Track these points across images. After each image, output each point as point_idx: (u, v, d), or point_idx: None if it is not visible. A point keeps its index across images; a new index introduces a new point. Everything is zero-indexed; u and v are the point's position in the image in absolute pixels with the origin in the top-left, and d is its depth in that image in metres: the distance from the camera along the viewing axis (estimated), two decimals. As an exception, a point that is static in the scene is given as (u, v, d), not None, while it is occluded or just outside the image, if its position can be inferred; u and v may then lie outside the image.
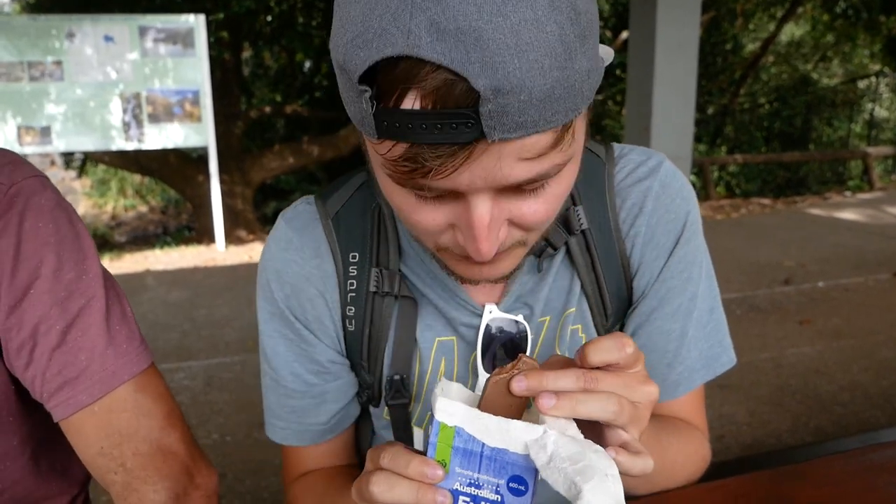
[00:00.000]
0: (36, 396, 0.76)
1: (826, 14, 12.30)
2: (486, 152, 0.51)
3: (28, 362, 0.74)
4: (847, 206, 8.11)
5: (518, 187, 0.56)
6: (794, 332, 4.00)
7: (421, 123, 0.49)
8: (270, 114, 10.93)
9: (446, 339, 0.80)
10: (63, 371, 0.74)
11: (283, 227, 0.82)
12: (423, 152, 0.51)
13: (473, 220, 0.56)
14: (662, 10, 3.63)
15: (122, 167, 9.57)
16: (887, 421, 2.96)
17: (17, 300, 0.73)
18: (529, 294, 0.79)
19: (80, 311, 0.75)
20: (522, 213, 0.58)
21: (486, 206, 0.56)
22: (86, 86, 5.85)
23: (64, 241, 0.77)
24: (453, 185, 0.54)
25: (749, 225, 7.26)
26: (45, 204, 0.77)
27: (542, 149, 0.52)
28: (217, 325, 4.28)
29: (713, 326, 0.85)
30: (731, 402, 3.15)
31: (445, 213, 0.58)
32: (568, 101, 0.51)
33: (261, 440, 2.88)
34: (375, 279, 0.77)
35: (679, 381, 0.83)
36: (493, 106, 0.48)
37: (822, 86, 14.05)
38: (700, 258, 0.83)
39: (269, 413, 0.87)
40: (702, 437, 0.87)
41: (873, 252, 5.71)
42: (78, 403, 0.74)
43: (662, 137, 3.69)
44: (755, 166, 11.41)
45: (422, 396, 0.81)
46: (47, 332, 0.73)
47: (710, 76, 12.60)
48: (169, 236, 9.70)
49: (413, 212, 0.59)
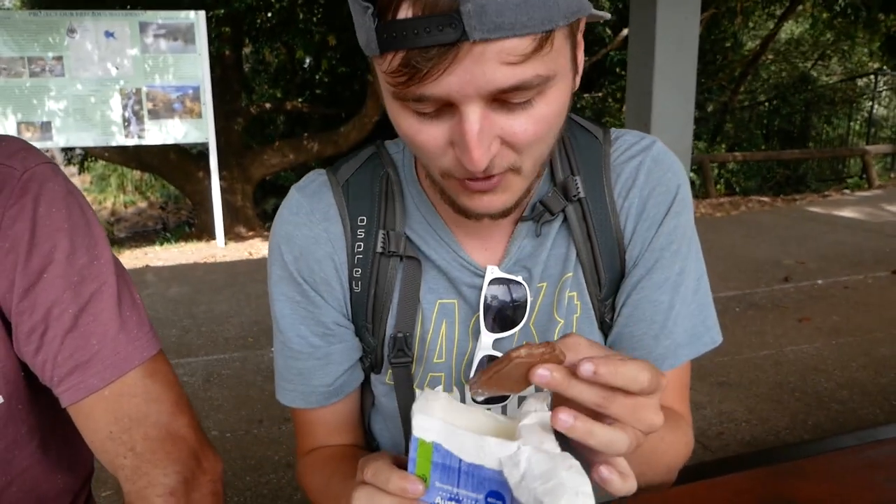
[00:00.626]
0: (45, 381, 0.76)
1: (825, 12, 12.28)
2: (470, 54, 0.56)
3: (39, 346, 0.74)
4: (846, 203, 8.12)
5: (505, 101, 0.60)
6: (793, 329, 4.01)
7: (413, 29, 0.55)
8: (270, 110, 10.92)
9: (448, 301, 0.83)
10: (75, 355, 0.74)
11: (295, 195, 0.85)
12: (415, 56, 0.57)
13: (465, 128, 0.60)
14: (662, 8, 3.62)
15: (122, 163, 9.57)
16: (885, 418, 2.97)
17: (30, 283, 0.74)
18: (528, 258, 0.82)
19: (93, 296, 0.76)
20: (513, 131, 0.62)
21: (476, 115, 0.60)
22: (86, 81, 5.84)
23: (76, 227, 0.78)
24: (445, 91, 0.58)
25: (748, 222, 7.27)
26: (58, 190, 0.78)
27: (521, 54, 0.57)
28: (217, 322, 4.28)
29: (698, 304, 0.86)
30: (730, 399, 3.16)
31: (443, 130, 0.63)
32: (543, 10, 0.56)
33: (260, 436, 2.89)
34: (382, 240, 0.81)
35: (665, 354, 0.84)
36: (473, 6, 0.54)
37: (821, 84, 14.05)
38: (689, 235, 0.85)
39: (278, 375, 0.91)
40: (686, 425, 0.86)
41: (872, 250, 5.72)
42: (89, 387, 0.75)
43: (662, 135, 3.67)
44: (755, 164, 11.41)
45: (423, 358, 0.84)
46: (60, 315, 0.74)
47: (710, 74, 12.59)
48: (169, 232, 9.69)
49: (417, 133, 0.64)
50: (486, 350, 0.80)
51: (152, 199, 13.64)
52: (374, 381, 0.90)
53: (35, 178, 0.76)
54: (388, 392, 0.88)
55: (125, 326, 0.78)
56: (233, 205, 8.22)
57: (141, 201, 13.55)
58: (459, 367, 0.84)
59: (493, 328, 0.81)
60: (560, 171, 0.82)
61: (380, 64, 0.61)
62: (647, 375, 0.54)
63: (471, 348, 0.83)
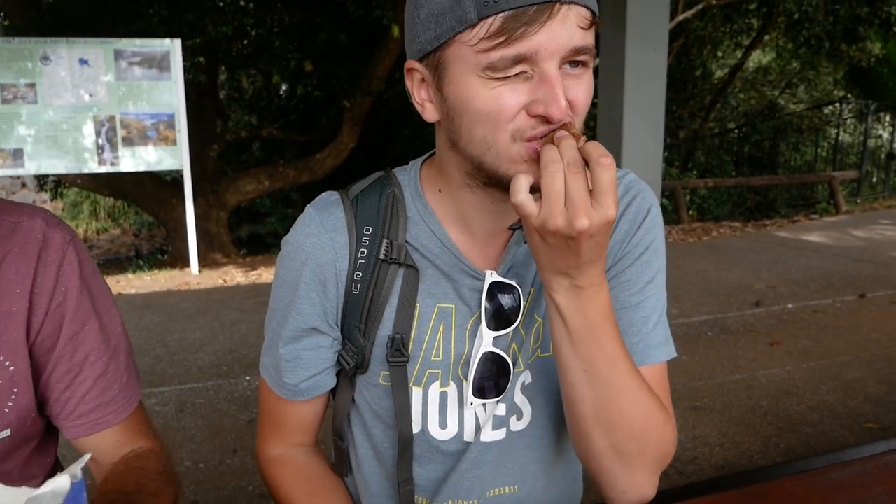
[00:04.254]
0: (61, 415, 0.93)
1: (790, 43, 12.64)
2: (559, 13, 0.71)
3: (69, 385, 0.92)
4: (814, 228, 8.29)
5: (565, 64, 0.74)
6: (765, 353, 4.06)
7: None
8: (246, 137, 10.90)
9: (446, 305, 0.91)
10: (100, 396, 0.93)
11: (310, 210, 0.94)
12: (514, 17, 0.70)
13: (551, 80, 0.73)
14: (632, 39, 3.72)
15: (95, 190, 9.46)
16: (854, 440, 3.02)
17: (75, 332, 0.91)
18: (520, 265, 0.91)
19: (116, 349, 0.96)
20: (575, 94, 0.75)
21: (555, 69, 0.73)
22: (59, 108, 5.81)
23: (105, 290, 0.98)
24: (535, 47, 0.71)
25: (720, 248, 7.38)
26: (89, 258, 0.97)
27: (589, 21, 0.74)
28: (190, 350, 4.24)
29: (662, 320, 0.94)
30: (703, 423, 3.20)
31: (519, 93, 0.74)
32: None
33: (234, 466, 2.85)
34: (385, 248, 0.89)
35: (633, 350, 0.89)
36: None
37: (788, 111, 14.39)
38: (660, 251, 0.94)
39: (263, 353, 1.00)
40: (667, 414, 0.88)
41: (840, 274, 5.84)
42: (107, 422, 0.94)
43: (633, 164, 3.76)
44: (725, 190, 11.61)
45: (419, 357, 0.91)
46: (95, 361, 0.93)
47: (681, 102, 12.84)
48: (142, 260, 9.57)
49: (496, 98, 0.75)
50: (487, 347, 0.89)
51: (125, 226, 13.48)
52: (360, 383, 0.96)
53: (74, 245, 0.94)
54: (384, 392, 0.93)
55: (130, 374, 0.98)
56: (208, 231, 8.16)
57: (114, 228, 13.39)
58: (457, 365, 0.91)
59: (494, 326, 0.89)
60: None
61: (468, 38, 0.73)
62: (613, 211, 0.70)
63: (467, 348, 0.91)
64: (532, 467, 0.97)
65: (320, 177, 8.66)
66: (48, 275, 0.89)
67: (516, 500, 0.97)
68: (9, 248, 0.88)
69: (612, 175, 0.69)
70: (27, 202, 0.98)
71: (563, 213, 0.69)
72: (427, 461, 0.96)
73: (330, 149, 8.72)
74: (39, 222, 0.91)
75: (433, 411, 0.93)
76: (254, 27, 9.24)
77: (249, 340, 4.39)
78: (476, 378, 0.89)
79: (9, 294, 0.87)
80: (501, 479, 0.96)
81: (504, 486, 0.97)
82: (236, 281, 6.36)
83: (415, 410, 0.93)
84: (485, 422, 0.93)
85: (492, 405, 0.92)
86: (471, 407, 0.91)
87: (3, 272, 0.87)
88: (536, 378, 0.92)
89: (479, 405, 0.91)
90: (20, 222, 0.90)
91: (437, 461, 0.96)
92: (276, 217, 10.93)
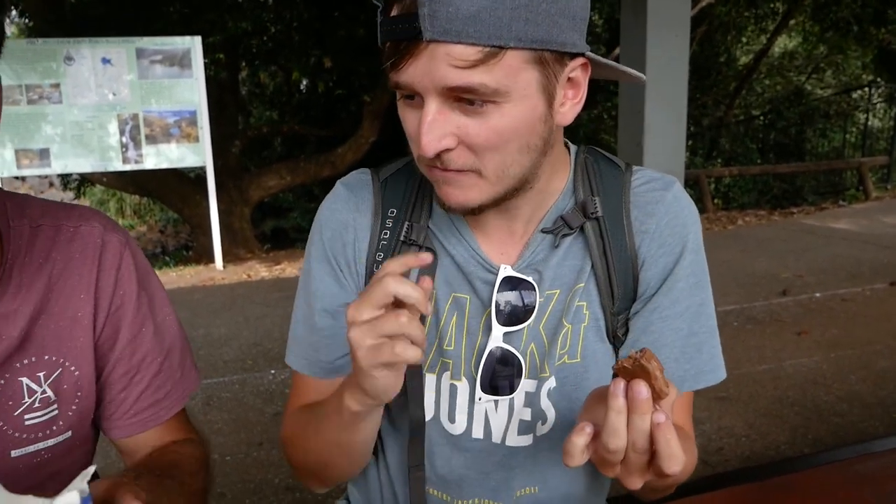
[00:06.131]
0: (111, 412, 0.95)
1: (817, 26, 12.40)
2: (425, 51, 0.68)
3: (126, 385, 0.93)
4: (843, 216, 8.14)
5: (461, 102, 0.71)
6: (792, 343, 4.01)
7: (392, 25, 0.70)
8: (268, 133, 10.97)
9: (461, 296, 0.90)
10: (155, 394, 0.95)
11: (339, 186, 0.96)
12: (393, 47, 0.71)
13: (422, 115, 0.72)
14: (653, 26, 3.66)
15: (120, 188, 9.60)
16: (885, 430, 2.97)
17: (134, 335, 0.93)
18: (540, 262, 0.89)
19: (170, 348, 0.98)
20: (468, 132, 0.73)
21: (432, 106, 0.71)
22: (83, 108, 5.88)
23: (160, 289, 0.99)
24: (409, 80, 0.71)
25: (745, 237, 7.29)
26: (144, 259, 0.99)
27: (467, 61, 0.68)
28: (215, 345, 4.28)
29: (712, 341, 0.93)
30: (729, 414, 3.16)
31: (418, 118, 0.74)
32: (492, 28, 0.66)
33: (260, 459, 2.88)
34: (406, 230, 0.90)
35: (685, 377, 0.90)
36: (428, 10, 0.66)
37: (815, 97, 14.13)
38: (705, 271, 0.93)
39: (291, 342, 0.99)
40: (692, 443, 0.92)
41: (869, 262, 5.73)
42: (158, 419, 0.96)
43: (655, 153, 3.70)
44: (751, 178, 11.45)
45: (433, 344, 0.91)
46: (151, 363, 0.94)
47: (705, 89, 12.68)
48: (168, 256, 9.71)
49: (403, 117, 0.77)
50: (497, 342, 0.87)
51: (151, 223, 13.66)
52: None
53: (129, 248, 0.95)
54: None
55: (184, 368, 1.00)
56: (231, 227, 8.24)
57: (140, 225, 13.57)
58: (469, 357, 0.90)
59: (507, 322, 0.88)
60: (581, 191, 0.90)
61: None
62: (678, 469, 0.65)
63: (480, 341, 0.90)
64: (554, 469, 0.97)
65: (341, 171, 8.67)
66: (108, 279, 0.91)
67: (536, 500, 0.97)
68: (70, 253, 0.89)
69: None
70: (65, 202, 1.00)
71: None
72: (442, 453, 0.95)
73: (350, 143, 8.75)
74: (97, 226, 0.92)
75: (444, 401, 0.93)
76: (273, 23, 9.29)
77: (273, 334, 4.43)
78: (488, 374, 0.88)
79: (74, 299, 0.88)
80: (526, 480, 0.96)
81: (526, 487, 0.96)
82: (260, 276, 6.41)
83: (427, 397, 0.92)
84: (511, 426, 0.92)
85: (506, 403, 0.91)
86: (480, 402, 0.90)
87: (67, 278, 0.88)
88: (562, 384, 0.91)
89: (489, 401, 0.90)
90: (79, 227, 0.91)
91: (453, 455, 0.95)
92: (299, 211, 11.01)
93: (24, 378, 0.85)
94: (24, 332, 0.84)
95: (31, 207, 0.90)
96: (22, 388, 0.85)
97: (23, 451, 0.86)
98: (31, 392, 0.85)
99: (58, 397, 0.88)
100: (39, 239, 0.87)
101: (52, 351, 0.87)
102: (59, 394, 0.88)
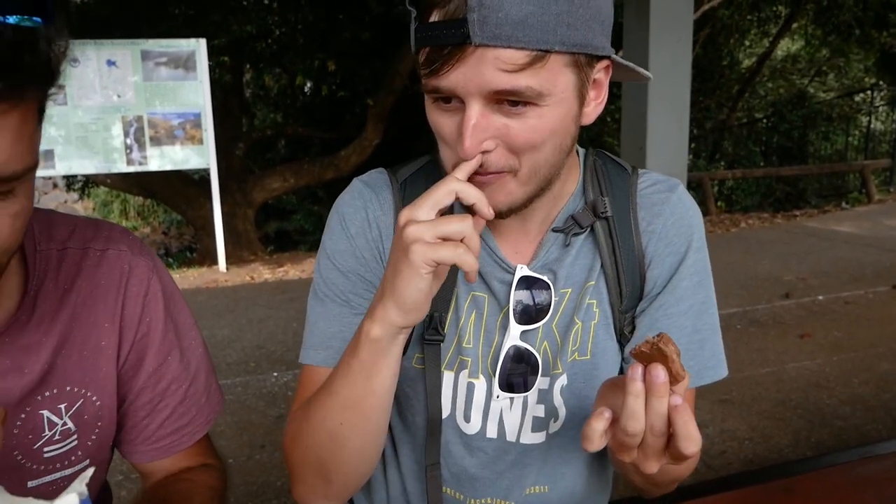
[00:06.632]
0: (133, 437, 0.93)
1: (819, 30, 12.39)
2: (473, 56, 0.69)
3: (150, 412, 0.92)
4: (845, 219, 8.13)
5: (503, 105, 0.72)
6: (795, 345, 4.01)
7: (435, 31, 0.70)
8: (271, 135, 10.99)
9: (479, 294, 0.92)
10: (178, 420, 0.93)
11: (358, 184, 0.96)
12: (434, 52, 0.71)
13: (464, 118, 0.72)
14: (655, 29, 3.67)
15: (124, 189, 9.62)
16: (888, 433, 2.97)
17: (159, 364, 0.91)
18: (554, 262, 0.91)
19: (195, 374, 0.95)
20: (509, 133, 0.73)
21: (475, 110, 0.72)
22: (88, 109, 5.90)
23: (186, 313, 0.97)
24: (452, 85, 0.71)
25: (748, 239, 7.28)
26: (171, 281, 0.96)
27: (515, 65, 0.69)
28: (218, 347, 4.29)
29: (717, 335, 0.95)
30: (732, 417, 3.16)
31: (455, 122, 0.75)
32: (539, 32, 0.68)
33: (262, 461, 2.89)
34: None
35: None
36: (477, 16, 0.67)
37: (818, 100, 14.11)
38: (708, 270, 0.95)
39: (306, 340, 0.97)
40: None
41: (872, 265, 5.72)
42: (181, 445, 0.94)
43: (658, 155, 3.71)
44: (753, 181, 11.43)
45: (453, 340, 0.92)
46: (176, 390, 0.92)
47: (708, 92, 12.67)
48: (171, 258, 9.72)
49: (437, 122, 0.77)
50: (514, 340, 0.89)
51: (154, 225, 13.68)
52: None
53: (157, 273, 0.92)
54: (411, 375, 0.93)
55: (209, 393, 0.98)
56: (235, 229, 8.25)
57: (144, 227, 13.59)
58: (486, 355, 0.92)
59: (521, 321, 0.89)
60: (591, 192, 0.92)
61: (417, 60, 0.75)
62: (696, 450, 0.66)
63: (497, 340, 0.91)
64: (563, 468, 0.98)
65: (345, 173, 8.70)
66: (134, 306, 0.88)
67: (545, 499, 0.98)
68: (96, 279, 0.87)
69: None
70: (91, 217, 0.96)
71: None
72: (456, 452, 0.96)
73: (354, 145, 8.76)
74: (125, 251, 0.89)
75: (461, 399, 0.94)
76: (278, 26, 9.30)
77: (277, 337, 4.44)
78: (504, 372, 0.90)
79: (98, 328, 0.86)
80: (537, 479, 0.97)
81: (536, 486, 0.97)
82: (263, 278, 6.42)
83: (445, 394, 0.93)
84: (525, 423, 0.94)
85: (520, 401, 0.93)
86: (497, 400, 0.92)
87: (91, 306, 0.86)
88: (573, 381, 0.93)
89: (505, 399, 0.92)
90: (106, 250, 0.88)
91: (466, 455, 0.96)
92: (303, 214, 11.01)
93: (45, 411, 0.83)
94: (46, 365, 0.82)
95: (59, 227, 0.87)
96: (43, 421, 0.83)
97: (39, 482, 0.84)
98: (51, 425, 0.84)
99: (78, 428, 0.86)
100: (65, 263, 0.85)
101: (75, 382, 0.85)
102: (80, 425, 0.86)
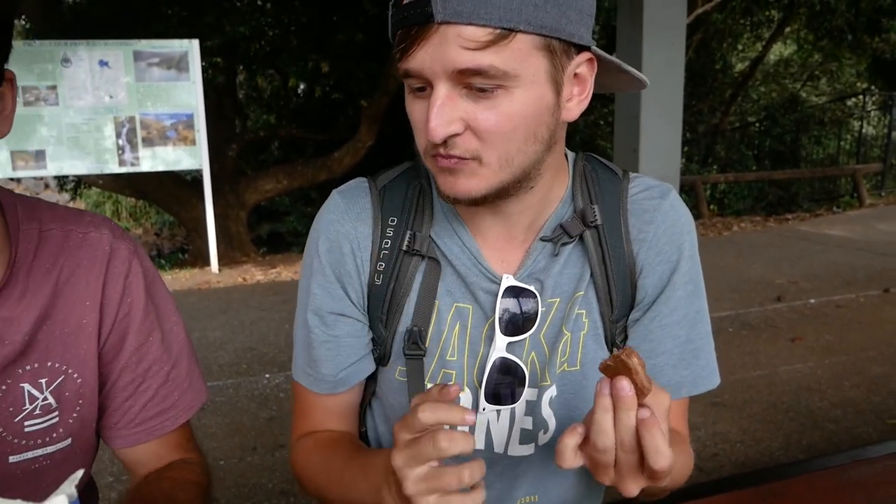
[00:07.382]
0: (116, 420, 0.93)
1: (811, 34, 12.47)
2: (437, 33, 0.68)
3: (132, 394, 0.92)
4: (837, 222, 8.18)
5: (471, 88, 0.71)
6: (786, 349, 4.02)
7: (404, 13, 0.70)
8: (265, 136, 10.97)
9: (463, 305, 0.90)
10: (161, 403, 0.94)
11: (335, 197, 0.94)
12: (404, 34, 0.71)
13: (431, 100, 0.72)
14: (649, 33, 3.68)
15: (116, 190, 9.58)
16: (879, 436, 2.98)
17: (140, 343, 0.91)
18: (542, 272, 0.89)
19: (178, 357, 0.96)
20: (476, 117, 0.72)
21: (441, 91, 0.71)
22: (80, 110, 5.87)
23: (168, 298, 0.98)
24: (419, 66, 0.71)
25: (740, 243, 7.31)
26: (152, 267, 0.97)
27: (478, 42, 0.68)
28: (210, 349, 4.28)
29: (710, 344, 0.95)
30: (724, 420, 3.17)
31: (425, 107, 0.73)
32: (502, 10, 0.67)
33: (254, 463, 2.88)
34: (409, 239, 0.89)
35: (682, 383, 0.91)
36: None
37: (810, 104, 14.19)
38: (701, 282, 0.94)
39: (295, 356, 0.99)
40: (688, 446, 0.93)
41: (863, 268, 5.75)
42: (163, 429, 0.94)
43: (651, 159, 3.72)
44: (746, 184, 11.49)
45: (436, 354, 0.90)
46: (157, 371, 0.93)
47: (701, 96, 12.73)
48: (163, 259, 9.69)
49: (410, 107, 0.77)
50: (500, 352, 0.87)
51: (147, 226, 13.63)
52: (381, 374, 0.96)
53: (138, 256, 0.93)
54: (400, 387, 0.93)
55: (192, 378, 0.98)
56: (227, 231, 8.23)
57: (136, 228, 13.54)
58: (472, 367, 0.90)
59: (507, 332, 0.87)
60: (580, 198, 0.90)
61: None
62: (666, 465, 0.64)
63: (482, 351, 0.90)
64: (554, 478, 0.97)
65: (338, 175, 8.70)
66: (115, 286, 0.90)
67: None
68: (78, 259, 0.88)
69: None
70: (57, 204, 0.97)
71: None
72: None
73: (348, 147, 8.75)
74: (106, 233, 0.91)
75: None
76: (271, 27, 9.29)
77: (269, 339, 4.42)
78: (491, 384, 0.88)
79: (79, 306, 0.87)
80: (528, 489, 0.96)
81: (526, 497, 0.96)
82: (256, 279, 6.40)
83: None
84: (512, 435, 0.92)
85: (507, 413, 0.91)
86: (483, 413, 0.90)
87: (73, 284, 0.87)
88: (562, 392, 0.91)
89: (492, 411, 0.90)
90: (88, 233, 0.90)
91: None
92: (296, 216, 11.00)
93: (26, 384, 0.84)
94: (27, 337, 0.83)
95: (42, 211, 0.89)
96: (23, 394, 0.84)
97: (21, 458, 0.85)
98: (32, 399, 0.85)
99: (59, 404, 0.87)
100: (48, 244, 0.86)
101: (56, 358, 0.86)
102: (61, 401, 0.87)
